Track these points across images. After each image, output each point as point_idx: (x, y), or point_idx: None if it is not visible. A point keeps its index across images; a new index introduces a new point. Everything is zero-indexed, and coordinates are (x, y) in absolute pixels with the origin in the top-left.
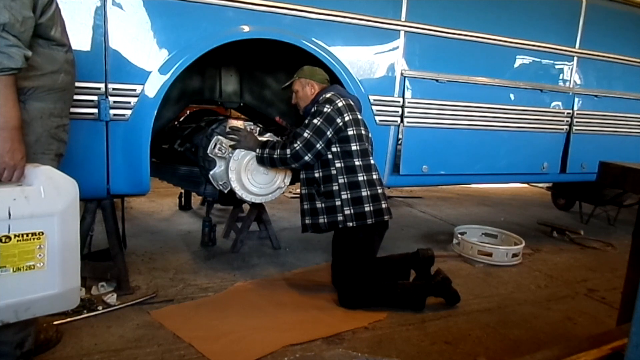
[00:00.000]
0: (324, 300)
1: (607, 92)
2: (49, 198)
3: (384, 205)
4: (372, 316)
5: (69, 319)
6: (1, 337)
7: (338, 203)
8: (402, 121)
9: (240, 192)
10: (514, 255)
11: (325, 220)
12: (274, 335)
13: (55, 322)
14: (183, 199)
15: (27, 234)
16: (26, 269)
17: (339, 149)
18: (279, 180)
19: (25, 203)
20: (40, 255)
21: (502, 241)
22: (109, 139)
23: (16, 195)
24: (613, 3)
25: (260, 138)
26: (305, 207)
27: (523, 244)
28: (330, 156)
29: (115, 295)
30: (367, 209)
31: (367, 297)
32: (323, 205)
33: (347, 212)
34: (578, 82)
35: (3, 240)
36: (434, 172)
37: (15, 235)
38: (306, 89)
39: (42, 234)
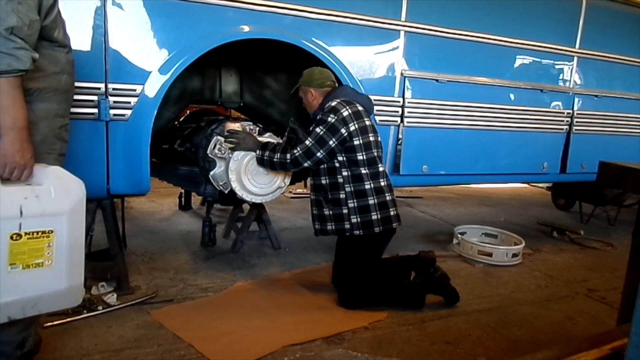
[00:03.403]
0: (324, 300)
1: (607, 92)
2: (58, 197)
3: (392, 213)
4: (372, 316)
5: (69, 319)
6: (2, 337)
7: (345, 211)
8: (402, 121)
9: (240, 192)
10: (514, 255)
11: (333, 227)
12: (274, 335)
13: (55, 322)
14: (183, 199)
15: (37, 232)
16: (35, 267)
17: (345, 158)
18: (279, 180)
19: (36, 202)
20: (49, 253)
21: (502, 241)
22: (109, 139)
23: (27, 194)
24: (613, 3)
25: (259, 138)
26: (315, 212)
27: (523, 244)
28: (337, 164)
29: (115, 295)
30: (374, 217)
31: (367, 296)
32: (330, 212)
33: (354, 220)
34: (578, 82)
35: (14, 238)
36: (434, 172)
37: (25, 233)
38: (307, 96)
39: (52, 232)
